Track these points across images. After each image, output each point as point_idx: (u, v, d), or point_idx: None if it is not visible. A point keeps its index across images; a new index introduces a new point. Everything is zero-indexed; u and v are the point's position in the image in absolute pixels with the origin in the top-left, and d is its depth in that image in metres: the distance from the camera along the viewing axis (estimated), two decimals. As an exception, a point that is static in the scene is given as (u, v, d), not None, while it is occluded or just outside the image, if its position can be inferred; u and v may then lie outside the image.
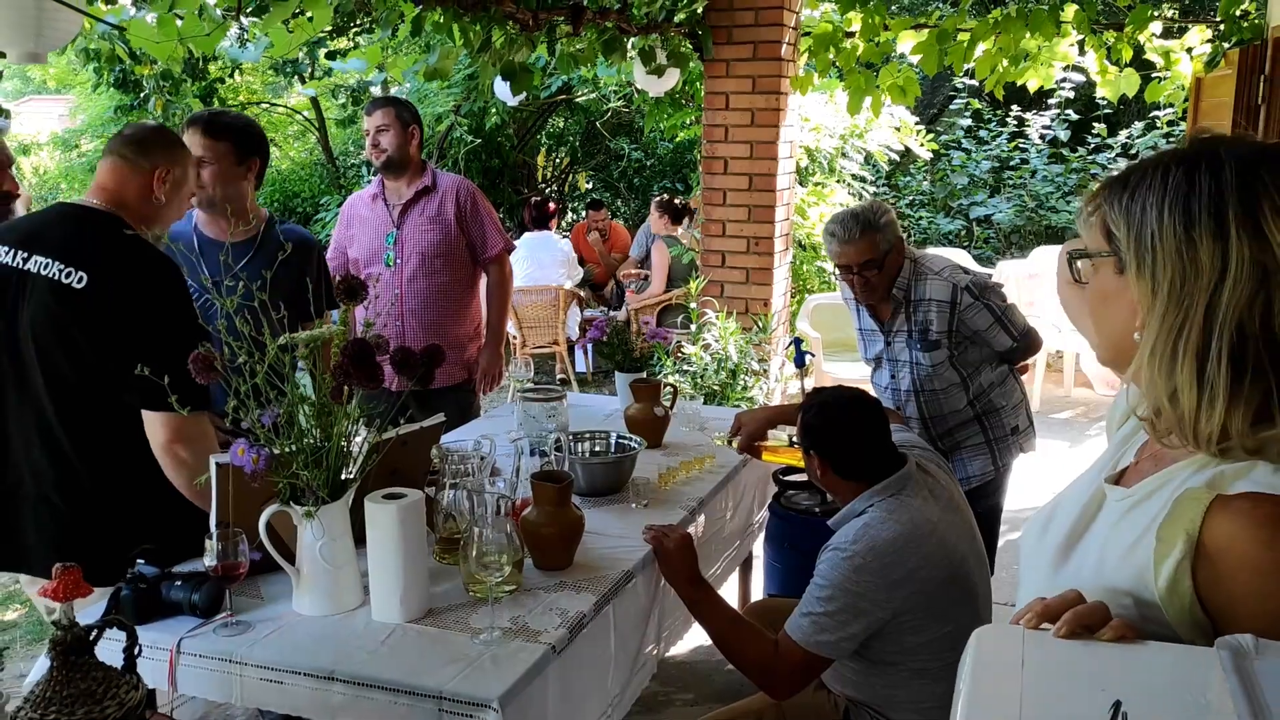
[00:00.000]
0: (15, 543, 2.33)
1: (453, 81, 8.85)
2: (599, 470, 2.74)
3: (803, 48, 5.58)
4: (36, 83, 16.77)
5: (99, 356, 2.16)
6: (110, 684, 1.52)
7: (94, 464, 2.25)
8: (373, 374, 1.86)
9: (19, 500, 2.30)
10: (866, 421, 2.38)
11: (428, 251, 3.79)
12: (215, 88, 8.50)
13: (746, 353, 4.87)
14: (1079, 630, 0.99)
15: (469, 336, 3.95)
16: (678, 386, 3.68)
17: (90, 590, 1.75)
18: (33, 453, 2.26)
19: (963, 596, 2.29)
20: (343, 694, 1.80)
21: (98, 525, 2.27)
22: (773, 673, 2.26)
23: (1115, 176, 1.15)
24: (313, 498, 1.90)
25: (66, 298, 2.16)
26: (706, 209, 5.44)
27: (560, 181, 12.87)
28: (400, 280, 3.79)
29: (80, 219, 2.28)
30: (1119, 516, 1.13)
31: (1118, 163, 10.40)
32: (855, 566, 2.19)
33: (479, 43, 3.87)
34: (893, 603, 2.19)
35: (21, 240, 2.23)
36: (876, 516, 2.26)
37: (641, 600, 2.34)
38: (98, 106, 12.02)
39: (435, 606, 2.03)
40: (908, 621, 2.22)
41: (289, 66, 9.04)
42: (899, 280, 3.16)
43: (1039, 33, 5.28)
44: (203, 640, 1.93)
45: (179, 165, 2.38)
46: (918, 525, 2.25)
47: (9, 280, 2.21)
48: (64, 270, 2.16)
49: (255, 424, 1.85)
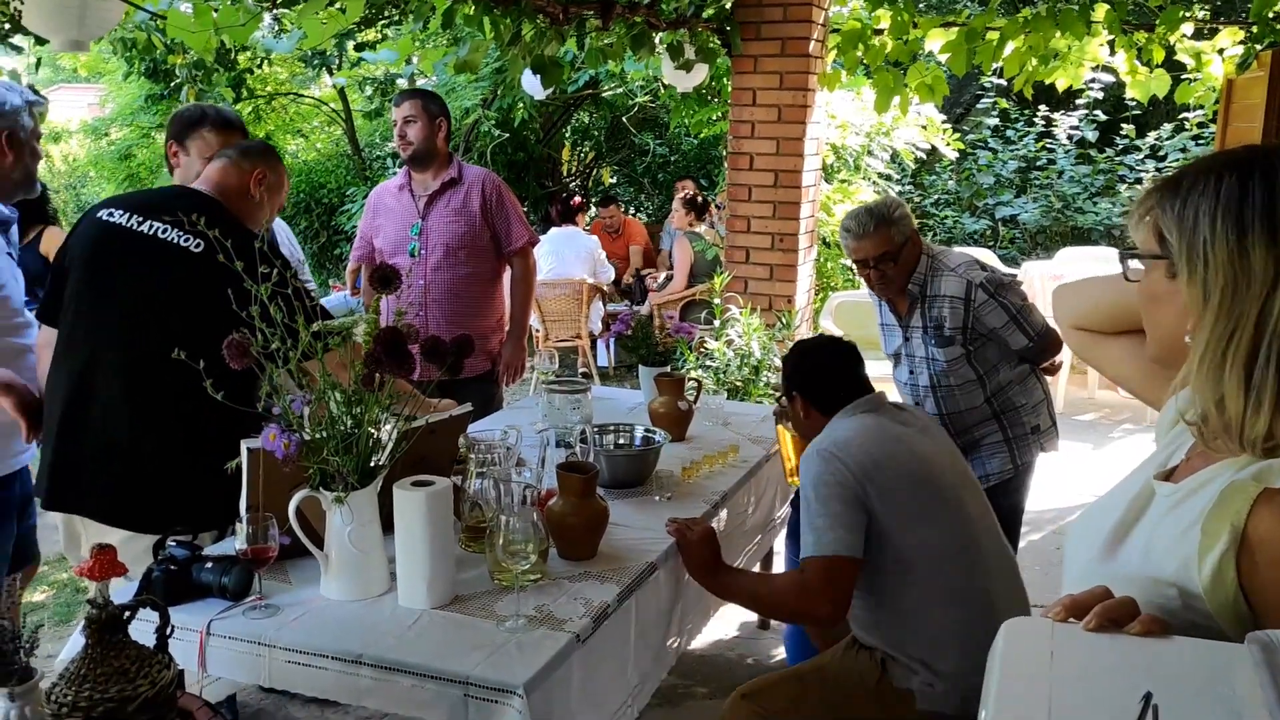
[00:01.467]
0: (77, 485, 2.46)
1: (480, 75, 8.87)
2: (623, 462, 2.76)
3: (831, 44, 5.57)
4: (67, 71, 16.93)
5: (209, 316, 2.20)
6: (143, 663, 1.55)
7: (166, 420, 2.39)
8: (404, 362, 1.88)
9: (89, 444, 2.42)
10: (842, 360, 2.60)
11: (452, 243, 3.82)
12: (244, 78, 8.56)
13: (769, 349, 4.86)
14: (1107, 624, 0.99)
15: (492, 328, 3.97)
16: (701, 381, 3.69)
17: (125, 570, 1.79)
18: (115, 403, 2.40)
19: (943, 503, 2.38)
20: (370, 677, 1.82)
21: (155, 478, 2.40)
22: (808, 597, 2.30)
23: (1168, 179, 1.16)
24: (342, 483, 1.93)
25: (184, 259, 2.39)
26: (731, 205, 5.44)
27: (584, 176, 12.88)
28: (424, 271, 3.81)
29: (192, 196, 2.54)
30: (1166, 510, 1.14)
31: (1146, 164, 10.32)
32: (825, 458, 2.34)
33: (509, 36, 3.88)
34: (868, 489, 2.29)
35: (139, 208, 2.48)
36: (841, 424, 2.47)
37: (663, 592, 2.35)
38: (127, 95, 12.11)
39: (461, 593, 2.05)
40: (891, 520, 2.30)
41: (317, 58, 9.10)
42: (915, 275, 3.18)
43: (1069, 32, 5.25)
44: (232, 622, 1.95)
45: (275, 174, 2.67)
46: (883, 428, 2.44)
47: (124, 240, 2.43)
48: (182, 236, 2.40)
49: (287, 409, 1.88)
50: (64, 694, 1.49)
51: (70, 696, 1.48)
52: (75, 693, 1.49)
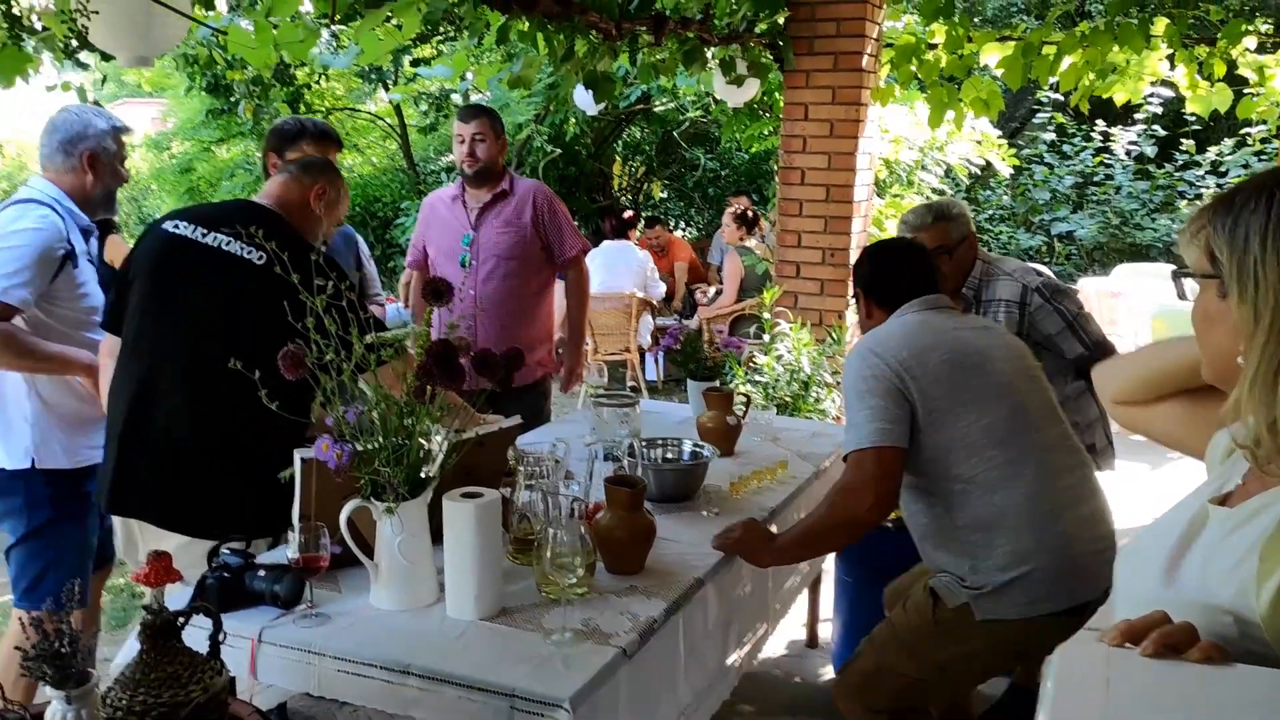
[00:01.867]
0: (138, 490, 2.51)
1: (533, 91, 8.95)
2: (671, 476, 2.75)
3: (884, 59, 5.54)
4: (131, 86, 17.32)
5: (269, 327, 2.24)
6: (196, 669, 1.57)
7: (227, 428, 2.43)
8: (455, 374, 1.90)
9: (151, 451, 2.47)
10: (906, 260, 2.64)
11: (503, 254, 3.85)
12: (302, 93, 8.72)
13: (820, 364, 4.83)
14: (1164, 650, 0.97)
15: (540, 339, 4.00)
16: (750, 396, 3.67)
17: (180, 577, 1.82)
18: (177, 411, 2.45)
19: (989, 390, 2.40)
20: (417, 688, 1.83)
21: (214, 485, 2.44)
22: (852, 494, 2.35)
23: (1221, 196, 1.14)
24: (393, 494, 1.94)
25: (247, 270, 2.44)
26: (782, 219, 5.42)
27: (635, 191, 12.93)
28: (475, 281, 3.85)
29: (254, 209, 2.60)
30: (1222, 536, 1.11)
31: (1206, 180, 10.14)
32: (862, 355, 2.41)
33: (562, 52, 3.91)
34: (907, 381, 2.34)
35: (203, 220, 2.54)
36: (890, 323, 2.53)
37: (713, 609, 2.34)
38: (189, 110, 12.37)
39: (508, 605, 2.06)
40: (933, 408, 2.34)
41: (374, 74, 9.25)
42: (970, 280, 3.17)
43: (1128, 46, 5.17)
44: (283, 630, 1.97)
45: (334, 189, 2.72)
46: (928, 323, 2.49)
47: (188, 252, 2.50)
48: (245, 248, 2.45)
49: (340, 420, 1.90)
50: (119, 698, 1.51)
51: (125, 701, 1.50)
52: (130, 697, 1.51)
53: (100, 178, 2.90)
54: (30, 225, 2.74)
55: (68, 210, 2.85)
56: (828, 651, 3.65)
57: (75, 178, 2.89)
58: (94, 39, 2.29)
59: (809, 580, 3.28)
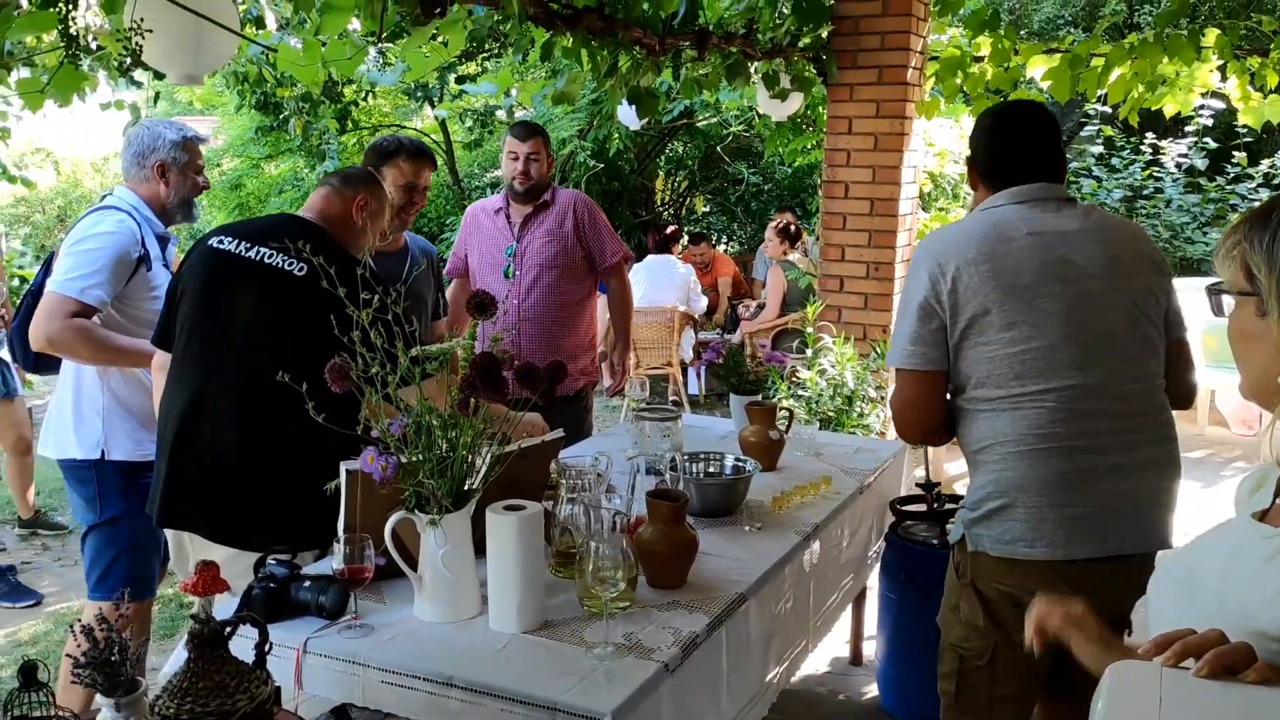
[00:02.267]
0: (188, 503, 2.56)
1: (577, 106, 9.01)
2: (713, 491, 2.74)
3: (929, 72, 5.50)
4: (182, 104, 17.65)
5: (313, 339, 2.28)
6: (242, 678, 1.59)
7: (274, 441, 2.46)
8: (498, 387, 1.90)
9: (200, 464, 2.51)
10: (1026, 134, 2.29)
11: (546, 264, 3.88)
12: (349, 110, 8.83)
13: (864, 379, 4.79)
14: (1220, 671, 0.95)
15: (583, 348, 4.02)
16: (793, 410, 3.65)
17: (227, 587, 1.84)
18: (225, 425, 2.49)
19: (1038, 316, 2.15)
20: (460, 699, 1.83)
21: (262, 498, 2.48)
22: (896, 414, 2.36)
23: (1257, 212, 1.11)
24: (437, 506, 1.95)
25: (289, 283, 2.47)
26: (825, 233, 5.40)
27: (677, 205, 12.94)
28: (518, 292, 3.88)
29: (298, 222, 2.63)
30: (1266, 559, 1.09)
31: (1259, 193, 9.95)
32: (916, 258, 2.28)
33: (606, 67, 3.93)
34: (944, 299, 2.18)
35: (248, 235, 2.58)
36: (972, 216, 2.31)
37: (755, 625, 2.32)
38: (239, 127, 12.55)
39: (550, 619, 2.06)
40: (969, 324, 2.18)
41: (420, 91, 9.35)
42: None
43: (1177, 58, 5.10)
44: (328, 640, 1.99)
45: (376, 200, 2.74)
46: (1000, 222, 2.22)
47: (234, 267, 2.53)
48: (287, 260, 2.49)
49: (385, 433, 1.91)
50: (166, 706, 1.53)
51: (172, 710, 1.52)
52: (177, 705, 1.53)
53: (173, 186, 3.08)
54: (107, 230, 2.93)
55: (145, 218, 3.03)
56: (872, 669, 3.61)
57: (150, 187, 3.07)
58: (147, 58, 2.34)
59: (852, 596, 3.25)
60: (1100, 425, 2.17)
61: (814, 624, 2.82)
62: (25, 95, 2.88)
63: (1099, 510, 2.15)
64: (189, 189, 3.12)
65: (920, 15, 5.10)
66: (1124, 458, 2.17)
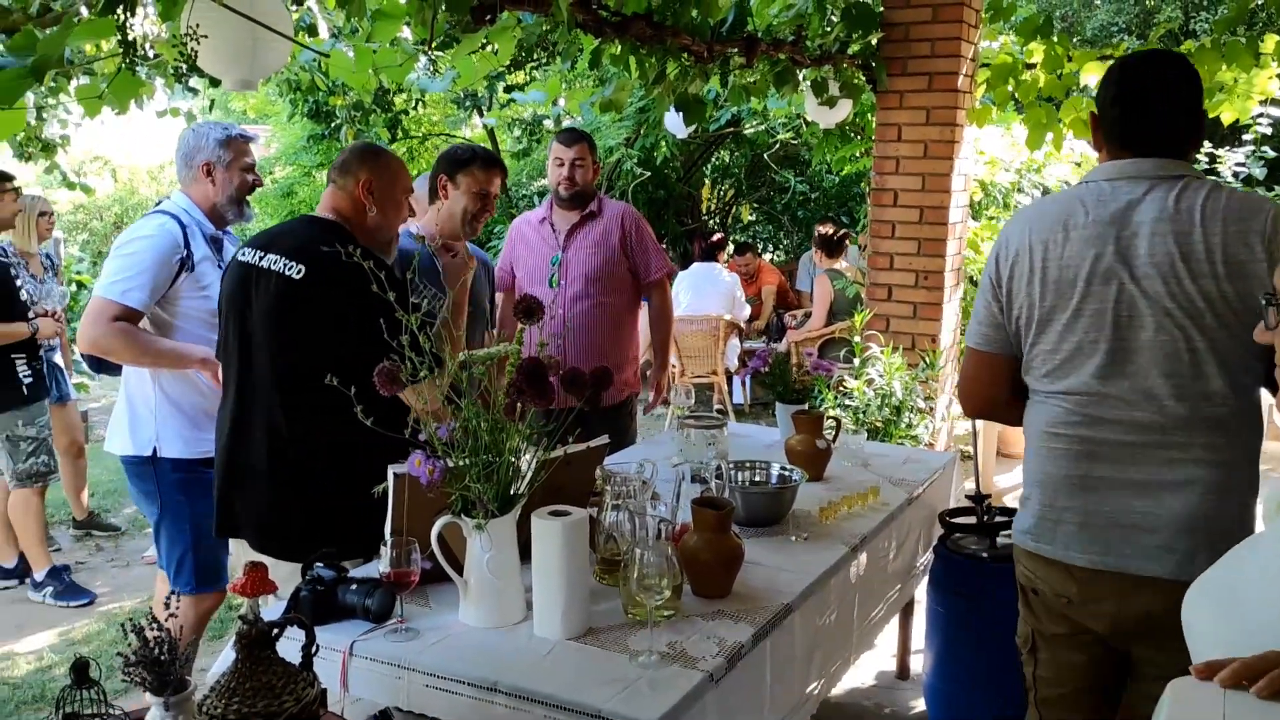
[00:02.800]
0: (231, 513, 2.63)
1: (624, 114, 9.02)
2: (759, 500, 2.72)
3: (980, 79, 5.44)
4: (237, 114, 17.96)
5: (314, 341, 2.35)
6: (289, 680, 1.59)
7: (301, 448, 2.49)
8: (544, 392, 1.90)
9: (245, 477, 2.58)
10: (1146, 83, 2.05)
11: (591, 275, 3.88)
12: (400, 119, 8.92)
13: (912, 390, 4.74)
14: (1283, 692, 0.92)
15: (627, 360, 4.02)
16: (840, 420, 3.62)
17: (275, 588, 1.85)
18: (254, 434, 2.53)
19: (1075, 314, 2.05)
20: (504, 705, 1.83)
21: (298, 507, 2.51)
22: (959, 382, 2.37)
23: None
24: (483, 510, 1.95)
25: (288, 287, 2.47)
26: (874, 241, 5.35)
27: (724, 213, 12.91)
28: (563, 302, 3.88)
29: (312, 222, 2.64)
30: None
31: (1321, 203, 9.73)
32: (1000, 236, 2.20)
33: (654, 74, 3.93)
34: (1003, 283, 2.15)
35: (263, 243, 2.59)
36: (1073, 188, 2.14)
37: (799, 636, 2.30)
38: (291, 135, 12.74)
39: (595, 625, 2.05)
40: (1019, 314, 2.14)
41: (469, 100, 9.42)
42: None
43: (1235, 64, 4.99)
44: (374, 644, 2.00)
45: (380, 174, 2.63)
46: (1077, 199, 2.06)
47: (247, 276, 2.55)
48: (288, 264, 2.48)
49: (432, 436, 1.92)
50: (214, 706, 1.54)
51: (220, 709, 1.53)
52: (225, 705, 1.54)
53: (220, 185, 3.12)
54: (147, 234, 3.01)
55: (195, 220, 3.10)
56: (918, 684, 3.56)
57: (199, 188, 3.13)
58: (202, 63, 2.37)
59: (898, 609, 3.21)
60: (1118, 436, 2.05)
61: (858, 636, 2.78)
62: (84, 101, 2.95)
63: (1107, 523, 2.06)
64: (237, 187, 3.16)
65: (971, 22, 5.05)
66: (1146, 474, 2.03)
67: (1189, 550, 1.98)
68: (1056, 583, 2.14)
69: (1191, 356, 1.98)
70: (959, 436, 5.77)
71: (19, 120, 2.42)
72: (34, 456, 4.52)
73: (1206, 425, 2.00)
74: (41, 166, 5.94)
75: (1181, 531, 2.00)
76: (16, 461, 4.50)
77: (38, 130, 5.55)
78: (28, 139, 5.57)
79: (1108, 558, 2.05)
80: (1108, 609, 2.07)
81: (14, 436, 4.49)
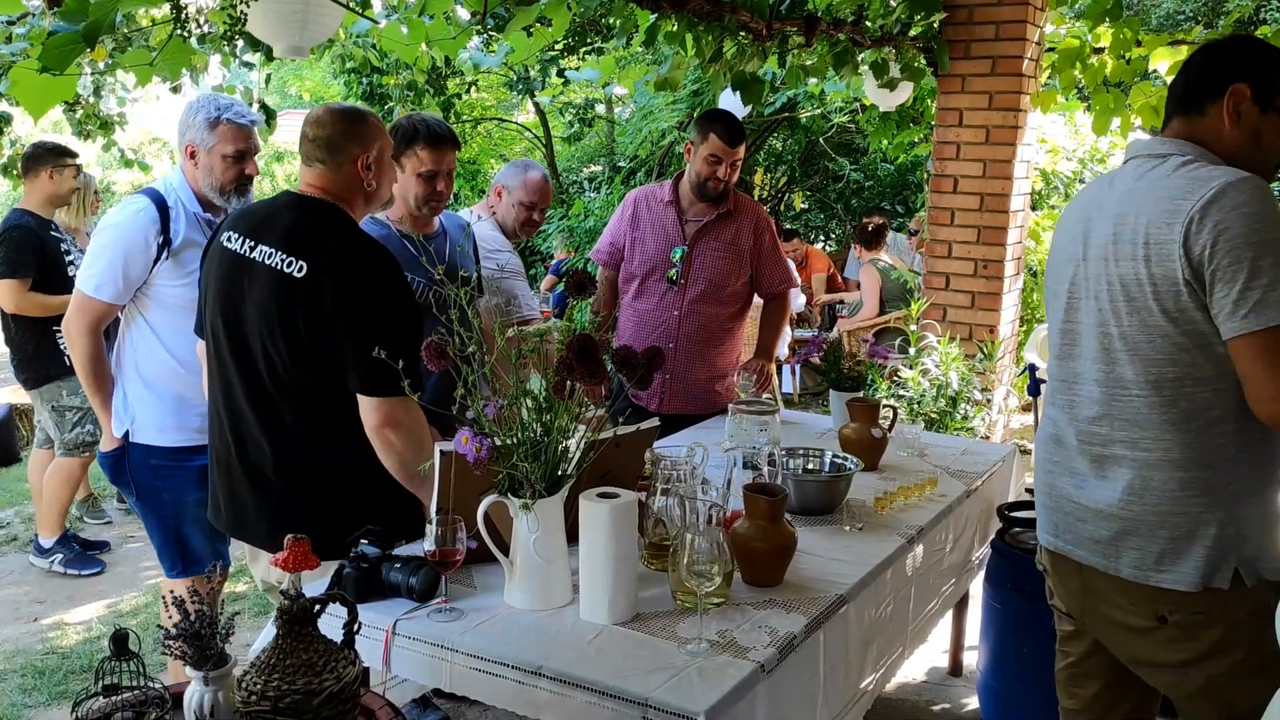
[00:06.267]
0: (240, 514, 2.50)
1: (678, 98, 8.94)
2: (812, 488, 2.65)
3: (1045, 64, 5.29)
4: (293, 98, 18.14)
5: (317, 342, 2.26)
6: (330, 657, 1.55)
7: (311, 446, 2.38)
8: (595, 370, 1.84)
9: (242, 476, 2.45)
10: (1193, 58, 2.01)
11: (716, 279, 3.65)
12: (453, 102, 8.92)
13: (969, 381, 4.62)
14: None
15: (730, 368, 3.78)
16: (897, 408, 3.52)
17: (318, 563, 1.81)
18: (255, 433, 2.39)
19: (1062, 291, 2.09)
20: (549, 690, 1.78)
21: (311, 505, 2.38)
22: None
23: None
24: (530, 490, 1.90)
25: (288, 286, 2.27)
26: (932, 229, 5.23)
27: (776, 200, 12.79)
28: (682, 301, 3.66)
29: (302, 206, 2.38)
30: None
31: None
32: None
33: (710, 53, 3.85)
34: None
35: (250, 229, 2.37)
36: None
37: (854, 629, 2.22)
38: (346, 118, 12.83)
39: (642, 611, 2.00)
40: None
41: (522, 83, 9.40)
42: None
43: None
44: (417, 624, 1.96)
45: (371, 150, 2.39)
46: (1104, 179, 2.08)
47: (237, 268, 2.36)
48: (285, 260, 2.28)
49: (480, 414, 1.87)
50: (254, 682, 1.51)
51: (259, 685, 1.50)
52: (264, 682, 1.50)
53: (201, 170, 2.84)
54: (116, 221, 2.84)
55: (182, 201, 2.87)
56: (972, 681, 3.47)
57: (187, 169, 2.87)
58: (251, 28, 2.33)
59: (952, 603, 3.11)
60: (1066, 420, 2.09)
61: (912, 630, 2.70)
62: (135, 68, 2.89)
63: (1056, 506, 2.13)
64: (220, 176, 2.84)
65: (1038, 5, 4.90)
66: (1081, 464, 2.04)
67: (1123, 548, 1.98)
68: (1044, 563, 2.25)
69: (1108, 342, 1.95)
70: (1015, 430, 5.63)
71: (70, 87, 2.39)
72: (79, 426, 4.56)
73: (1124, 418, 1.95)
74: (100, 144, 5.99)
75: (1112, 527, 1.99)
76: (63, 431, 4.55)
77: (95, 108, 5.60)
78: (86, 116, 5.63)
79: (1058, 540, 2.13)
80: (1071, 588, 2.13)
81: (59, 406, 4.53)
